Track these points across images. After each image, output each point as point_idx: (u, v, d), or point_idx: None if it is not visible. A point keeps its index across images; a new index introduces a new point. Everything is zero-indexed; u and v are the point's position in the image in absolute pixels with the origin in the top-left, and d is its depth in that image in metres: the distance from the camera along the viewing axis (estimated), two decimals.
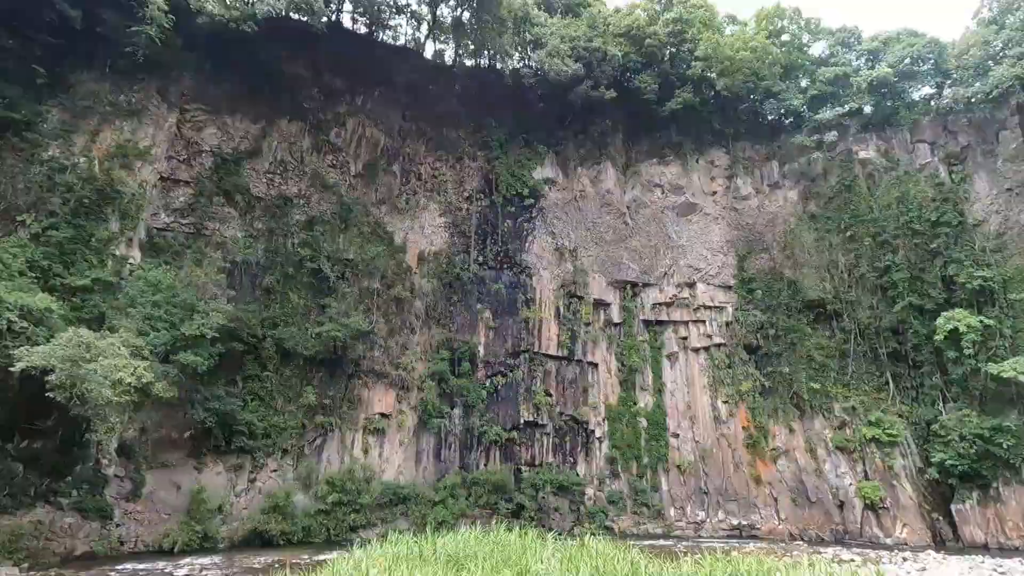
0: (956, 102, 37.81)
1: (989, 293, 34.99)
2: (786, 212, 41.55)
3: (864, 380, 38.09)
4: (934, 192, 38.04)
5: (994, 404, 33.84)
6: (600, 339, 40.67)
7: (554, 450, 37.96)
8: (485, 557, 7.99)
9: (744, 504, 37.33)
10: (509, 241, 40.16)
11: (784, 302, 39.97)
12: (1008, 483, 32.91)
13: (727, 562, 7.10)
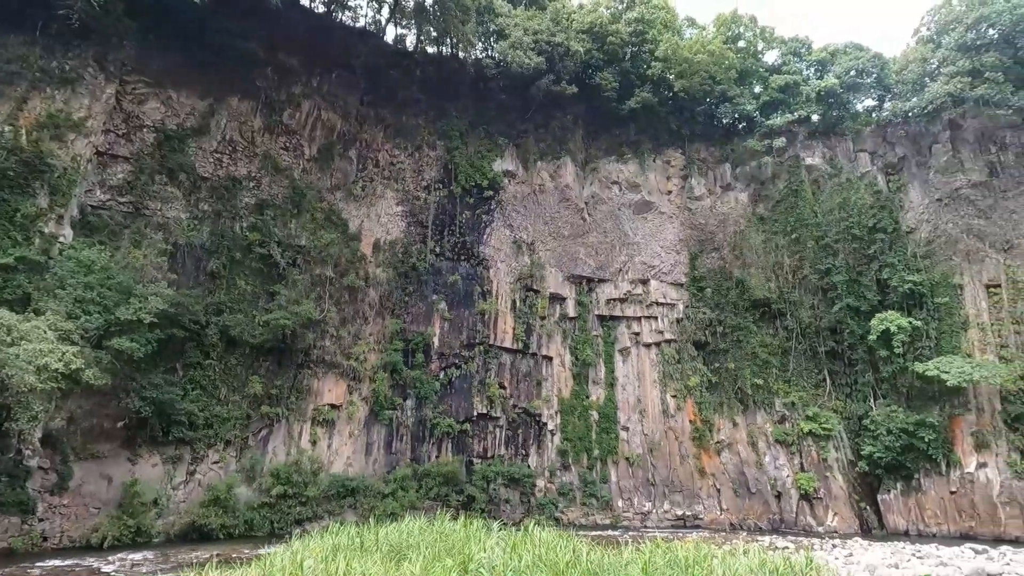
0: (895, 115, 39.91)
1: (918, 297, 37.23)
2: (737, 213, 42.92)
3: (804, 377, 39.91)
4: (872, 200, 40.11)
5: (919, 400, 36.10)
6: (555, 333, 41.01)
7: (506, 442, 38.12)
8: (428, 547, 7.90)
9: (689, 495, 38.55)
10: (467, 232, 39.88)
11: (732, 301, 41.36)
12: (928, 474, 35.24)
13: (666, 549, 7.28)
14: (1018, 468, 33.56)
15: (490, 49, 41.81)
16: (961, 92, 36.36)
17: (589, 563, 6.77)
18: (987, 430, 34.57)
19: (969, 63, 36.57)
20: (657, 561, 6.99)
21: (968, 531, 33.51)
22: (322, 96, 36.23)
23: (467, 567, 6.71)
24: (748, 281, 41.17)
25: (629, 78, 41.44)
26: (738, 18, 46.30)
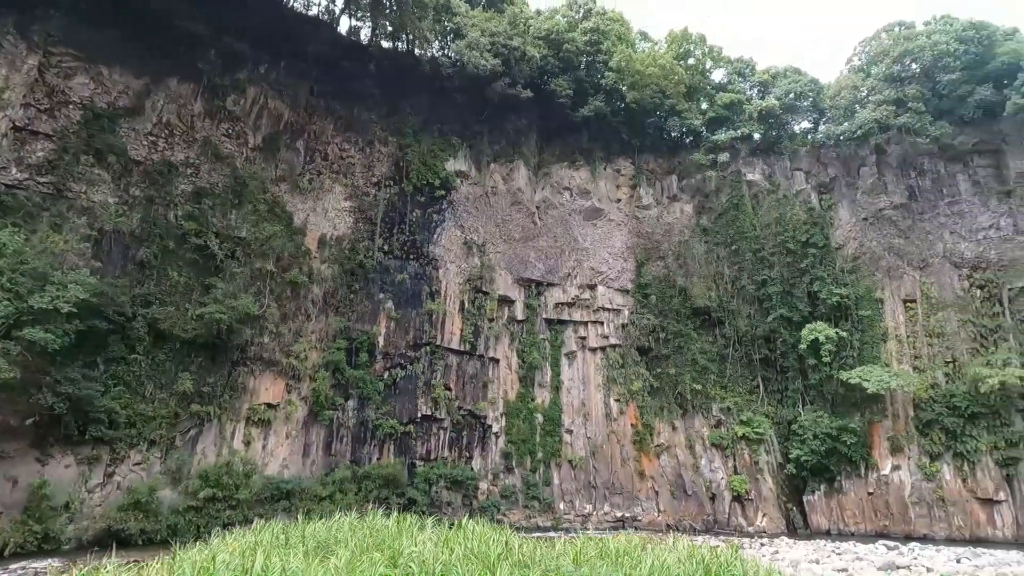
0: (828, 138, 42.42)
1: (844, 309, 39.56)
2: (682, 224, 44.38)
3: (739, 383, 41.60)
4: (806, 216, 42.40)
5: (843, 407, 38.32)
6: (503, 335, 41.02)
7: (450, 444, 37.73)
8: (358, 542, 7.64)
9: (628, 497, 39.30)
10: (417, 231, 39.38)
11: (675, 308, 42.65)
12: (849, 476, 37.40)
13: (598, 541, 7.34)
14: (927, 470, 36.12)
15: (447, 48, 41.61)
16: (886, 120, 39.04)
17: (521, 555, 6.73)
18: (901, 435, 37.06)
19: (894, 93, 39.35)
20: (589, 552, 7.03)
21: (883, 529, 35.75)
22: (269, 84, 34.95)
23: (396, 561, 6.53)
24: (690, 289, 42.60)
25: (583, 86, 42.19)
26: (689, 36, 48.04)
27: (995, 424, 35.51)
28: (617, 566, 6.45)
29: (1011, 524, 34.28)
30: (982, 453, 35.29)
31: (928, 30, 40.13)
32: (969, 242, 39.40)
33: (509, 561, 6.55)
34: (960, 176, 40.20)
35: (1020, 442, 34.83)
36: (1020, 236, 38.19)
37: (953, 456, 35.93)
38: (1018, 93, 36.09)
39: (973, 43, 37.74)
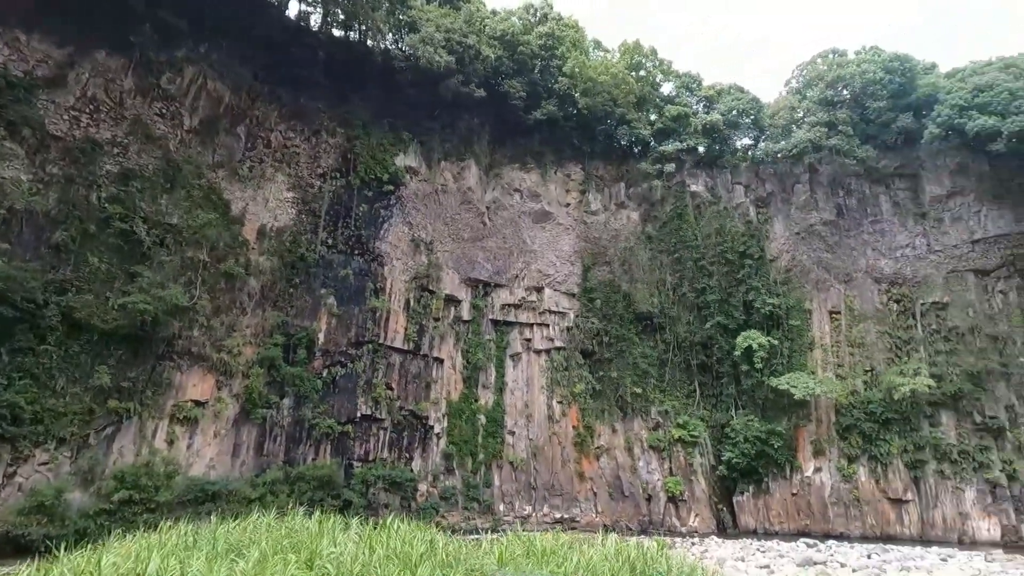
0: (767, 154, 44.49)
1: (776, 318, 41.51)
2: (628, 231, 45.38)
3: (677, 387, 42.88)
4: (744, 228, 44.27)
5: (772, 411, 40.16)
6: (448, 335, 40.61)
7: (390, 445, 36.97)
8: (274, 543, 7.23)
9: (568, 498, 39.70)
10: (363, 226, 38.40)
11: (619, 313, 43.52)
12: (775, 478, 39.23)
13: (525, 540, 7.26)
14: (845, 472, 38.36)
15: (400, 41, 40.85)
16: (819, 141, 41.34)
17: (445, 554, 6.55)
18: (823, 439, 39.22)
19: (827, 116, 41.74)
20: (515, 551, 6.93)
21: (804, 528, 37.69)
22: (210, 64, 33.20)
23: (312, 563, 6.20)
24: (634, 295, 43.58)
25: (537, 89, 42.46)
26: (640, 48, 49.28)
27: (905, 429, 38.15)
28: (542, 564, 6.38)
29: (916, 522, 36.89)
30: (894, 456, 37.84)
31: (858, 59, 42.84)
32: (888, 259, 42.24)
33: (432, 561, 6.35)
34: (882, 197, 43.06)
35: (926, 446, 37.56)
36: (932, 255, 41.27)
37: (868, 459, 38.32)
38: (934, 123, 39.02)
39: (897, 74, 40.57)
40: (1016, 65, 39.49)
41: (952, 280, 40.35)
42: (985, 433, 37.30)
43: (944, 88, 39.80)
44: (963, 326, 39.34)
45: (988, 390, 37.68)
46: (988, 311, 39.35)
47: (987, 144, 37.75)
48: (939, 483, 37.20)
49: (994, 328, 38.69)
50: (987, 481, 36.38)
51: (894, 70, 40.49)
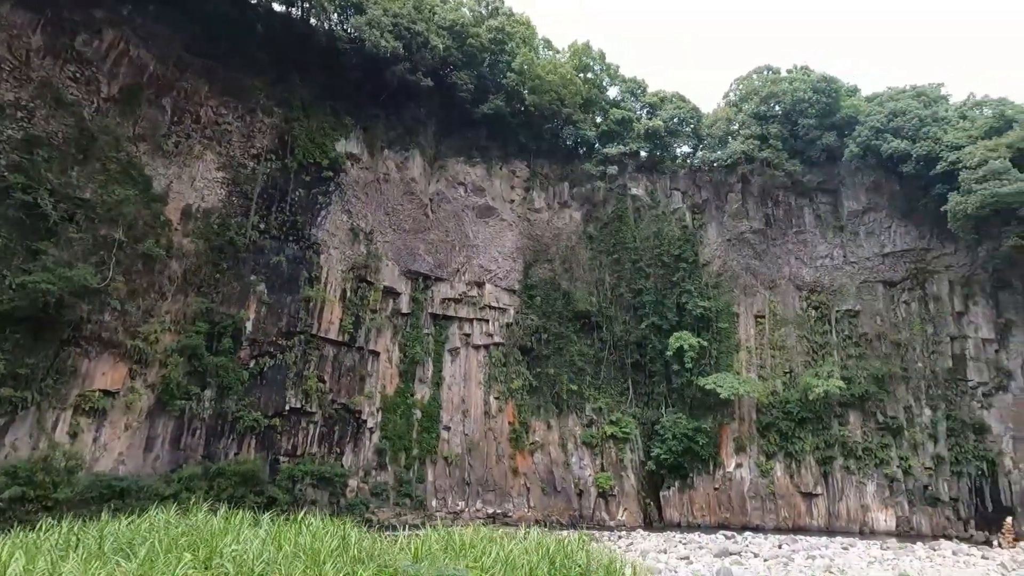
0: (704, 163, 46.27)
1: (707, 320, 43.27)
2: (570, 230, 45.98)
3: (611, 384, 43.92)
4: (680, 233, 45.86)
5: (699, 410, 41.86)
6: (385, 328, 39.74)
7: (320, 440, 35.79)
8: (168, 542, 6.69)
9: (501, 494, 39.83)
10: (299, 212, 36.87)
11: (558, 310, 44.05)
12: (700, 473, 40.93)
13: (445, 534, 7.10)
14: (763, 468, 40.56)
15: (346, 23, 39.44)
16: (752, 153, 43.39)
17: (359, 550, 6.29)
18: (745, 436, 41.29)
19: (760, 129, 43.87)
20: (432, 546, 6.77)
21: (724, 521, 39.54)
22: (133, 29, 30.81)
23: (210, 561, 5.77)
24: (574, 294, 44.23)
25: (485, 83, 42.18)
26: (589, 51, 49.98)
27: (818, 427, 40.78)
28: (460, 559, 6.26)
29: (824, 514, 39.55)
30: (806, 453, 40.37)
31: (790, 77, 45.28)
32: (809, 268, 44.98)
33: (345, 557, 6.07)
34: (806, 209, 45.76)
35: (835, 443, 40.31)
36: (847, 266, 44.27)
37: (784, 455, 40.71)
38: (854, 143, 41.82)
39: (824, 94, 43.19)
40: (926, 94, 42.95)
41: (864, 290, 43.45)
42: (886, 432, 40.43)
43: (864, 111, 42.73)
44: (871, 333, 42.46)
45: (890, 392, 40.86)
46: (893, 319, 42.64)
47: (899, 165, 40.85)
48: (845, 478, 40.03)
49: (898, 335, 41.98)
50: (886, 476, 39.48)
51: (821, 90, 43.09)
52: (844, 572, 18.20)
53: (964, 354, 40.49)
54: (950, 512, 38.62)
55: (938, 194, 38.71)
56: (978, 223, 36.59)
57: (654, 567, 17.70)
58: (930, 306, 41.99)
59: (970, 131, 38.91)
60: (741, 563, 20.11)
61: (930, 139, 39.56)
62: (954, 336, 41.00)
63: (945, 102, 43.23)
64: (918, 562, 21.28)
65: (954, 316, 41.15)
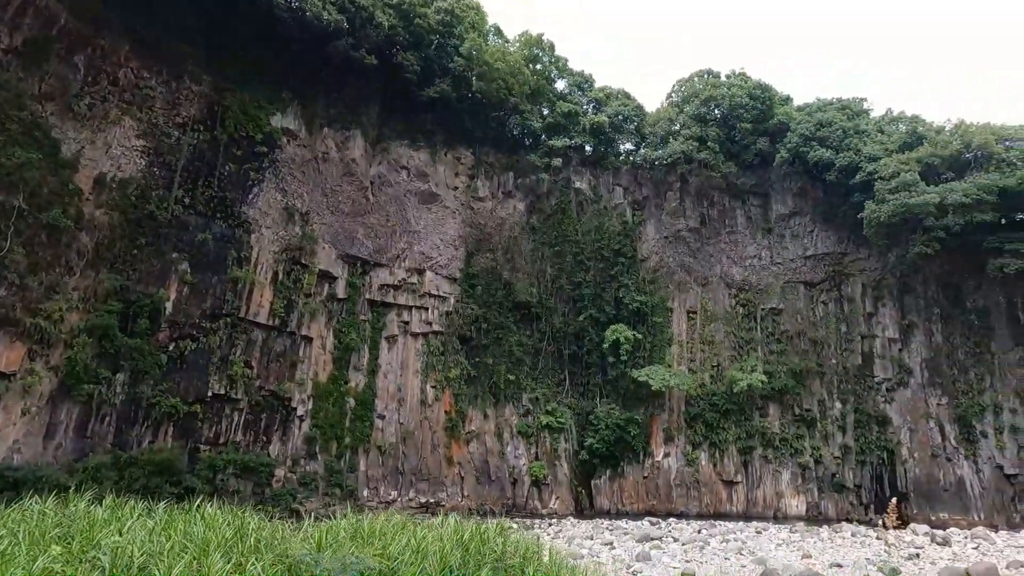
0: (645, 160, 47.32)
1: (642, 314, 44.49)
2: (513, 220, 45.97)
3: (549, 375, 44.44)
4: (620, 228, 46.83)
5: (632, 401, 43.08)
6: (320, 313, 38.40)
7: (245, 428, 34.26)
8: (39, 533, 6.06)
9: (435, 483, 39.58)
10: (229, 188, 34.85)
11: (499, 300, 44.03)
12: (630, 463, 42.20)
13: (354, 522, 6.83)
14: (689, 457, 42.32)
15: None
16: (691, 153, 44.78)
17: (256, 540, 5.92)
18: (673, 427, 42.89)
19: (699, 131, 45.33)
20: (340, 534, 6.49)
21: (652, 508, 41.00)
22: None
23: (84, 554, 5.24)
24: (515, 284, 44.33)
25: (432, 66, 41.27)
26: (540, 42, 49.91)
27: (740, 419, 42.93)
28: (367, 547, 6.02)
29: (743, 501, 41.77)
30: (729, 443, 42.44)
31: (728, 82, 47.01)
32: (739, 267, 47.09)
33: (240, 547, 5.69)
34: (739, 211, 47.81)
35: (756, 434, 42.60)
36: (773, 266, 46.66)
37: (709, 445, 42.63)
38: (785, 149, 43.98)
39: (759, 101, 45.12)
40: (850, 107, 45.72)
41: (787, 289, 45.97)
42: (801, 423, 43.11)
43: (794, 119, 44.98)
44: (792, 330, 45.02)
45: (806, 387, 43.55)
46: (812, 318, 45.39)
47: (823, 173, 43.33)
48: (763, 467, 42.41)
49: (815, 333, 44.73)
50: (799, 465, 42.14)
51: (757, 97, 44.98)
52: (754, 553, 19.24)
53: (872, 352, 43.67)
54: (854, 498, 41.73)
55: (856, 202, 41.33)
56: (889, 231, 39.41)
57: (578, 553, 18.09)
58: (844, 307, 44.97)
59: (886, 144, 41.78)
60: (661, 547, 20.91)
61: (851, 150, 42.18)
62: (864, 335, 44.11)
63: (866, 116, 46.18)
64: (820, 543, 22.85)
65: (865, 316, 44.26)
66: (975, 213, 36.42)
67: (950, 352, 41.56)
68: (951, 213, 36.81)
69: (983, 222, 36.71)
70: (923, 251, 37.96)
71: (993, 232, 37.78)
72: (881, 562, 17.28)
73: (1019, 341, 39.95)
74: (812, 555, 19.39)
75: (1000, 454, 38.57)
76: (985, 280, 39.87)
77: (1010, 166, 37.15)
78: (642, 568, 16.72)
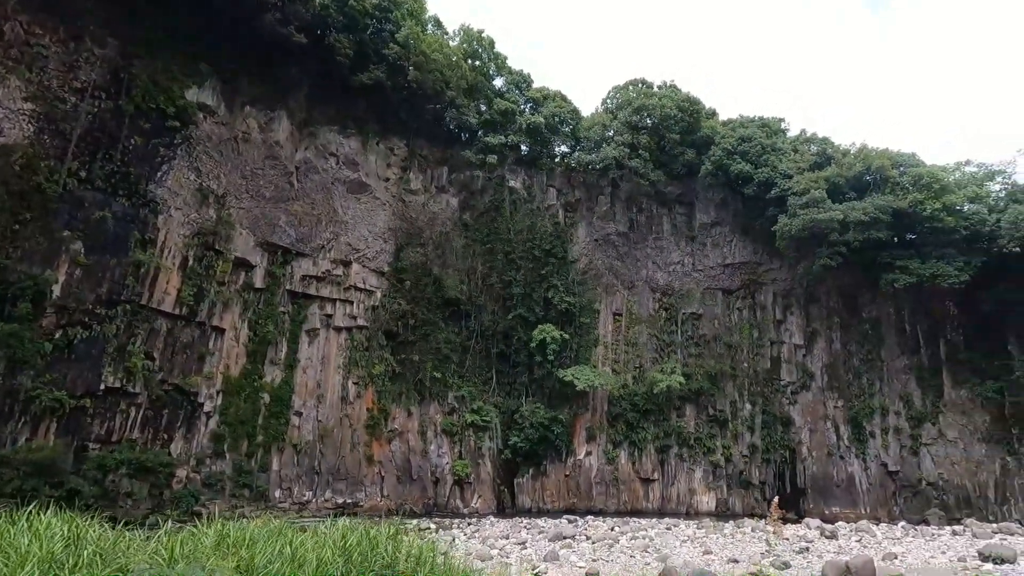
0: (579, 164, 48.01)
1: (570, 315, 45.09)
2: (445, 215, 45.30)
3: (476, 373, 44.14)
4: (552, 229, 47.26)
5: (557, 400, 43.57)
6: (234, 303, 36.13)
7: (144, 424, 31.63)
8: None
9: (353, 483, 38.28)
10: (134, 164, 32.01)
11: (428, 296, 43.23)
12: (553, 461, 42.66)
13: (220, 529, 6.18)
14: (610, 456, 43.33)
15: None
16: (623, 159, 45.88)
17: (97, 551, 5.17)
18: (596, 426, 43.77)
19: (631, 138, 46.55)
20: (203, 543, 5.82)
21: (572, 506, 41.63)
22: None
23: None
24: (444, 280, 43.68)
25: (366, 51, 39.81)
26: (480, 37, 49.45)
27: (659, 418, 44.47)
28: (231, 557, 5.43)
29: (658, 498, 43.29)
30: (648, 442, 43.86)
31: (660, 93, 48.59)
32: (663, 272, 48.80)
33: (71, 561, 4.94)
34: (665, 218, 49.54)
35: (672, 433, 44.28)
36: (695, 273, 48.71)
37: (629, 444, 43.86)
38: (709, 161, 45.98)
39: (688, 113, 46.93)
40: (769, 126, 48.50)
41: (706, 295, 48.12)
42: (714, 423, 45.25)
43: (719, 133, 47.14)
44: (710, 334, 47.18)
45: (720, 388, 45.77)
46: (728, 324, 47.76)
47: (743, 186, 45.67)
48: (678, 465, 44.15)
49: (730, 338, 47.10)
50: (711, 463, 44.20)
51: (685, 109, 46.76)
52: (659, 551, 19.82)
53: (780, 357, 46.54)
54: (758, 494, 44.27)
55: (771, 215, 43.86)
56: (799, 243, 42.12)
57: (487, 554, 17.88)
58: (757, 313, 47.64)
59: (799, 163, 44.62)
60: (571, 546, 21.13)
61: (769, 166, 44.72)
62: (773, 341, 46.92)
63: (784, 135, 49.14)
64: (722, 539, 23.95)
65: (775, 323, 47.09)
66: (872, 231, 39.57)
67: (847, 359, 44.97)
68: (852, 230, 39.79)
69: (879, 239, 39.96)
70: (827, 263, 40.83)
71: (887, 249, 41.24)
72: (774, 556, 18.26)
73: (904, 349, 43.85)
74: (713, 551, 20.22)
75: (885, 453, 42.16)
76: (879, 293, 43.44)
77: (903, 189, 40.69)
78: (548, 568, 16.74)
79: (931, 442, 41.07)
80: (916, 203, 39.27)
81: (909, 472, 41.21)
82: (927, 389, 42.44)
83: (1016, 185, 43.39)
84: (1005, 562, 17.35)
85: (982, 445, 39.88)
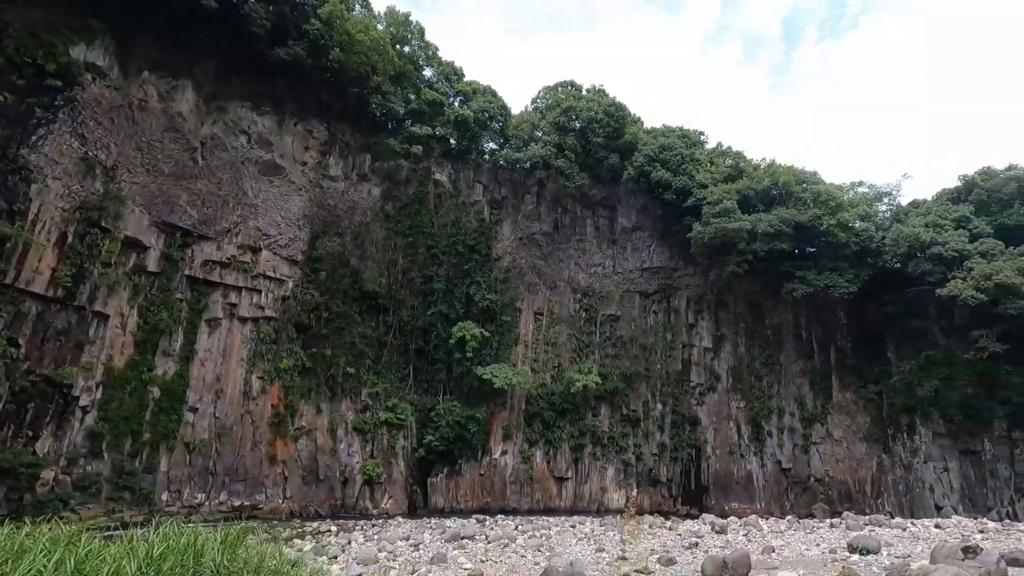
0: (507, 161, 47.82)
1: (492, 313, 44.70)
2: (367, 205, 43.57)
3: (392, 370, 42.74)
4: (477, 225, 46.71)
5: (475, 398, 43.02)
6: (122, 287, 32.75)
7: (3, 420, 27.95)
8: None
9: (252, 484, 35.89)
10: (3, 124, 28.25)
11: (344, 288, 41.37)
12: (468, 460, 42.08)
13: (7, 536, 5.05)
14: (525, 455, 43.34)
15: None
16: (549, 159, 46.15)
17: None
18: (513, 425, 43.66)
19: (558, 139, 46.90)
20: None
21: (486, 505, 41.22)
22: None
23: None
24: (363, 272, 42.01)
25: (286, 25, 37.40)
26: (409, 23, 48.09)
27: (575, 418, 45.05)
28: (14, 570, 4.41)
29: (571, 496, 43.81)
30: (563, 441, 44.29)
31: (588, 96, 49.34)
32: (585, 273, 49.56)
33: None
34: (589, 221, 50.35)
35: (587, 432, 44.98)
36: (615, 275, 49.83)
37: (544, 443, 44.08)
38: (632, 167, 47.19)
39: (613, 119, 47.90)
40: (689, 137, 50.51)
41: (625, 298, 49.35)
42: (627, 423, 46.43)
43: (642, 140, 48.50)
44: (626, 336, 48.40)
45: (634, 389, 47.04)
46: (644, 326, 49.22)
47: (663, 193, 47.21)
48: (591, 463, 44.91)
49: (646, 340, 48.55)
50: (622, 461, 45.32)
51: (612, 115, 47.72)
52: (552, 550, 19.75)
53: (690, 359, 48.50)
54: (666, 491, 45.91)
55: (687, 223, 45.61)
56: (711, 251, 44.07)
57: (372, 556, 16.99)
58: (671, 317, 49.42)
59: (714, 174, 46.75)
60: (464, 547, 20.69)
61: (687, 175, 46.52)
62: (685, 344, 48.84)
63: (702, 147, 51.33)
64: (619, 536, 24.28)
65: (687, 327, 49.04)
66: (776, 242, 42.08)
67: (750, 362, 47.58)
68: (759, 240, 42.13)
69: (782, 250, 42.57)
70: (736, 271, 42.98)
71: (789, 259, 44.04)
72: (663, 551, 18.65)
73: (801, 354, 46.99)
74: (607, 548, 20.42)
75: (780, 451, 44.96)
76: (780, 301, 46.29)
77: (804, 204, 43.58)
78: (432, 570, 16.16)
79: (820, 441, 44.20)
80: (815, 218, 42.14)
81: (800, 469, 44.14)
82: (818, 392, 45.68)
83: (899, 207, 47.77)
84: (870, 553, 18.64)
85: (863, 444, 43.40)
